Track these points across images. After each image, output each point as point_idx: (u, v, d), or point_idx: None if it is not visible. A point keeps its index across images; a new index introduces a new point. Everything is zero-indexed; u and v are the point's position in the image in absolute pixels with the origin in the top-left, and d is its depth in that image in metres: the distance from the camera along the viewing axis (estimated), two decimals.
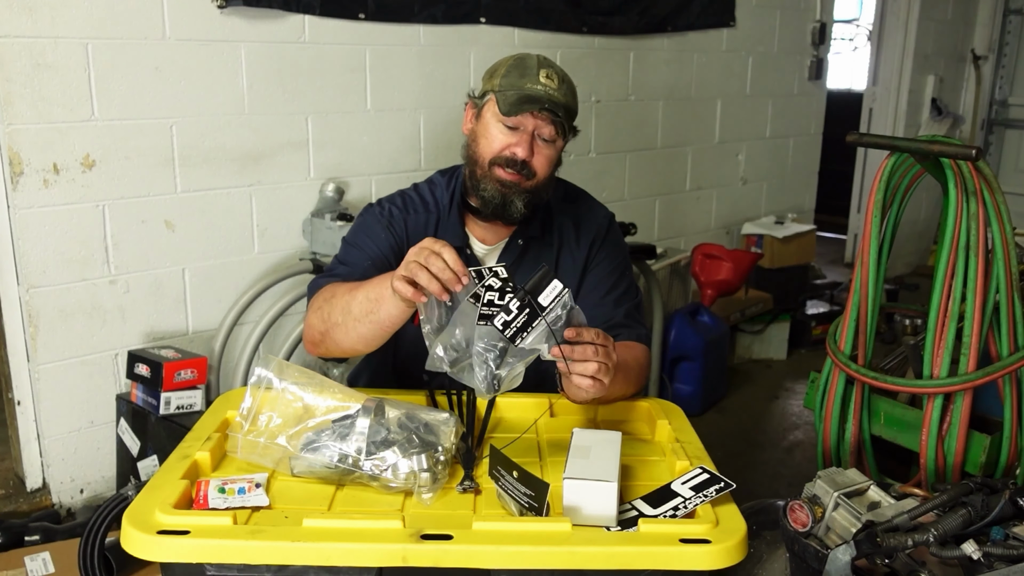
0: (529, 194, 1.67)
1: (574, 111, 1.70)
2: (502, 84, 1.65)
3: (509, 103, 1.62)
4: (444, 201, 1.77)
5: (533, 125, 1.64)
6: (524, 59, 1.68)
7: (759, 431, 3.47)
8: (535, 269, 1.32)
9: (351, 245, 1.76)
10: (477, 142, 1.69)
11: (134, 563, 1.77)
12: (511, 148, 1.64)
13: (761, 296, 4.16)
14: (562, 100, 1.65)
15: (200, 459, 1.34)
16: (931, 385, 2.04)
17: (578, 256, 1.79)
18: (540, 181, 1.68)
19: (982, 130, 5.95)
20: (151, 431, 2.41)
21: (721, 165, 4.36)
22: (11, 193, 2.30)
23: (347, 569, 1.13)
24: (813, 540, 1.55)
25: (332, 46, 2.80)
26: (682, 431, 1.50)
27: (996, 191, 2.03)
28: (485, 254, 1.77)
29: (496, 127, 1.65)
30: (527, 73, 1.65)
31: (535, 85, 1.63)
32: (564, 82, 1.68)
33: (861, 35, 6.70)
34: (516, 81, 1.64)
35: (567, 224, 1.81)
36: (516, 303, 1.29)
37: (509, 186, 1.65)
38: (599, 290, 1.77)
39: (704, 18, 3.99)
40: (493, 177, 1.66)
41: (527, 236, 1.76)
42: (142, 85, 2.44)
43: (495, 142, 1.66)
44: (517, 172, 1.64)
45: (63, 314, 2.42)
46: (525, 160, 1.64)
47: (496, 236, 1.77)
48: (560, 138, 1.68)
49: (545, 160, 1.67)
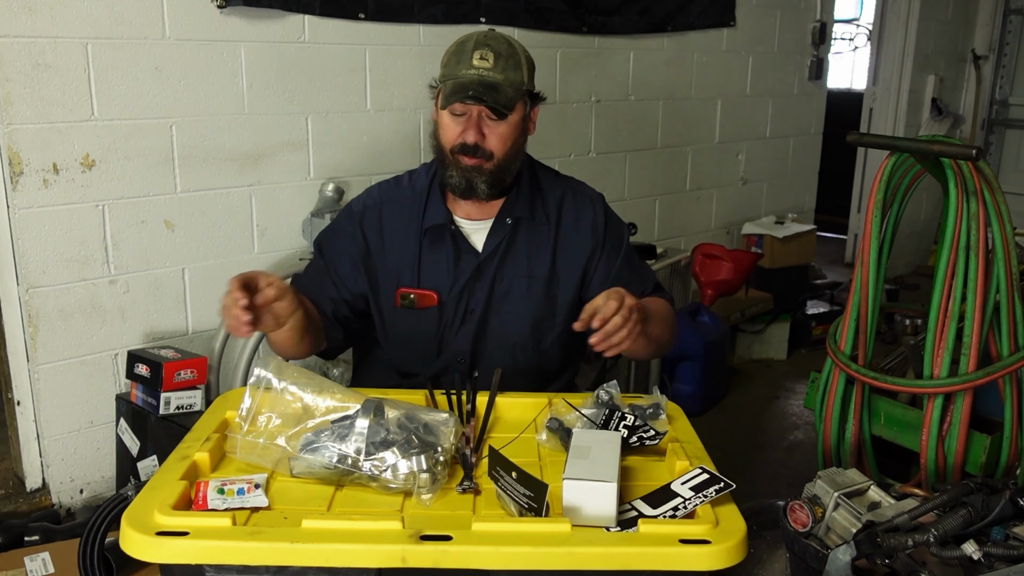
0: (492, 174, 1.70)
1: (520, 82, 1.69)
2: (444, 74, 1.69)
3: (445, 96, 1.66)
4: (425, 185, 1.81)
5: (479, 110, 1.66)
6: (463, 43, 1.70)
7: (759, 431, 3.46)
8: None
9: (317, 251, 1.83)
10: (438, 133, 1.73)
11: (134, 563, 1.76)
12: (461, 135, 1.67)
13: (761, 296, 4.16)
14: (499, 79, 1.65)
15: (199, 460, 1.34)
16: (931, 385, 2.04)
17: (581, 244, 1.82)
18: (501, 159, 1.70)
19: (982, 130, 5.95)
20: (151, 431, 2.41)
21: (721, 165, 4.36)
22: (11, 193, 2.30)
23: (346, 570, 1.13)
24: (813, 540, 1.55)
25: (332, 46, 2.80)
26: (682, 431, 1.50)
27: (996, 191, 2.03)
28: (473, 231, 1.79)
29: (446, 116, 1.69)
30: (463, 58, 1.67)
31: (467, 71, 1.65)
32: (503, 56, 1.67)
33: (861, 35, 6.70)
34: (453, 69, 1.67)
35: (562, 207, 1.83)
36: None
37: (471, 170, 1.69)
38: (612, 268, 1.83)
39: (704, 18, 3.99)
40: (456, 164, 1.70)
41: (515, 215, 1.78)
42: (142, 85, 2.44)
43: (448, 131, 1.70)
44: (475, 156, 1.68)
45: (63, 314, 2.42)
46: (477, 143, 1.67)
47: (481, 213, 1.79)
48: (512, 111, 1.68)
49: (499, 138, 1.69)
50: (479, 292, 1.78)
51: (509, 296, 1.78)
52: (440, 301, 1.77)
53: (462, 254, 1.77)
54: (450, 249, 1.77)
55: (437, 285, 1.77)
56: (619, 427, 1.43)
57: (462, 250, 1.77)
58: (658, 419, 1.49)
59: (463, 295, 1.77)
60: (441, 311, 1.78)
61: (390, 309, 1.80)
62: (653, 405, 1.52)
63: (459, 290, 1.77)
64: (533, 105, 1.76)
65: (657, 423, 1.48)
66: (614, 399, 1.53)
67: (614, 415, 1.44)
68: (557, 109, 3.49)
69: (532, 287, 1.79)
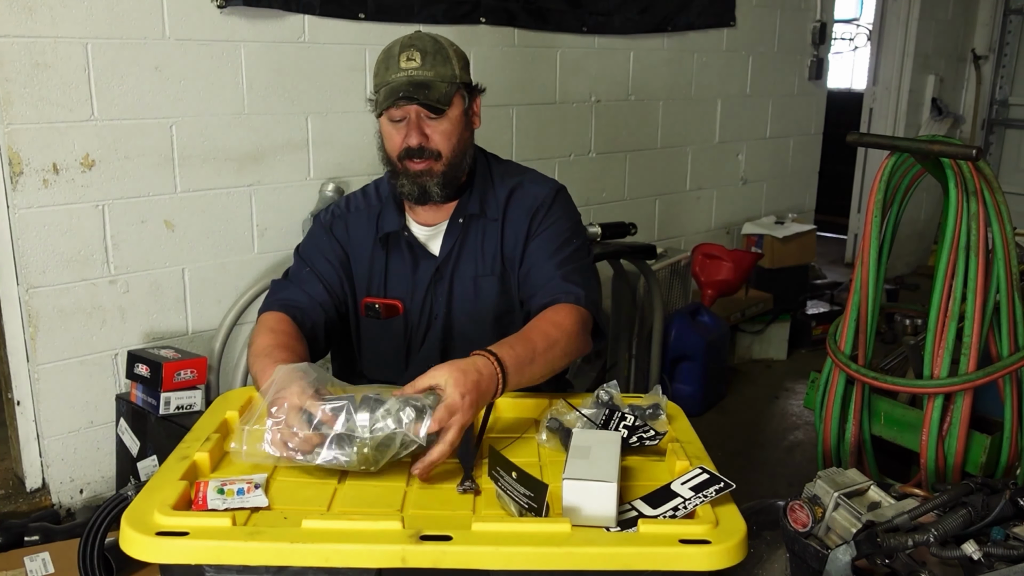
0: (443, 175, 1.69)
1: (453, 75, 1.66)
2: (376, 83, 1.68)
3: (379, 104, 1.65)
4: (385, 194, 1.81)
5: (416, 111, 1.65)
6: (389, 49, 1.68)
7: (759, 431, 3.46)
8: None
9: (300, 258, 1.82)
10: (383, 144, 1.72)
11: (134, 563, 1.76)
12: (404, 140, 1.66)
13: (761, 296, 4.16)
14: (429, 76, 1.63)
15: (199, 460, 1.34)
16: (931, 385, 2.04)
17: (520, 229, 1.76)
18: (450, 156, 1.69)
19: (982, 130, 5.95)
20: (151, 431, 2.41)
21: (721, 165, 4.36)
22: (11, 193, 2.30)
23: (346, 570, 1.13)
24: (813, 540, 1.55)
25: (332, 46, 2.80)
26: (682, 431, 1.50)
27: (996, 191, 2.03)
28: (429, 236, 1.78)
29: (386, 125, 1.68)
30: (391, 64, 1.65)
31: (396, 74, 1.63)
32: (429, 53, 1.65)
33: (861, 35, 6.70)
34: (384, 76, 1.66)
35: (511, 199, 1.79)
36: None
37: (422, 175, 1.68)
38: (541, 254, 1.74)
39: (704, 18, 3.99)
40: (406, 172, 1.69)
41: (466, 214, 1.76)
42: (142, 85, 2.44)
43: (390, 140, 1.69)
44: (423, 158, 1.67)
45: (63, 314, 2.42)
46: (421, 144, 1.66)
47: (435, 217, 1.78)
48: (450, 106, 1.66)
49: (442, 135, 1.67)
50: (440, 296, 1.77)
51: (467, 296, 1.77)
52: (404, 309, 1.77)
53: (419, 260, 1.77)
54: (407, 256, 1.77)
55: (401, 294, 1.78)
56: (619, 427, 1.43)
57: (419, 256, 1.77)
58: (658, 419, 1.49)
59: (426, 301, 1.77)
60: (406, 319, 1.78)
61: (357, 318, 1.81)
62: (653, 405, 1.52)
63: (421, 296, 1.77)
64: (472, 97, 1.74)
65: (657, 423, 1.48)
66: (614, 399, 1.53)
67: (614, 415, 1.44)
68: (557, 109, 3.49)
69: (488, 284, 1.77)
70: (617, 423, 1.44)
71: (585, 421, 1.46)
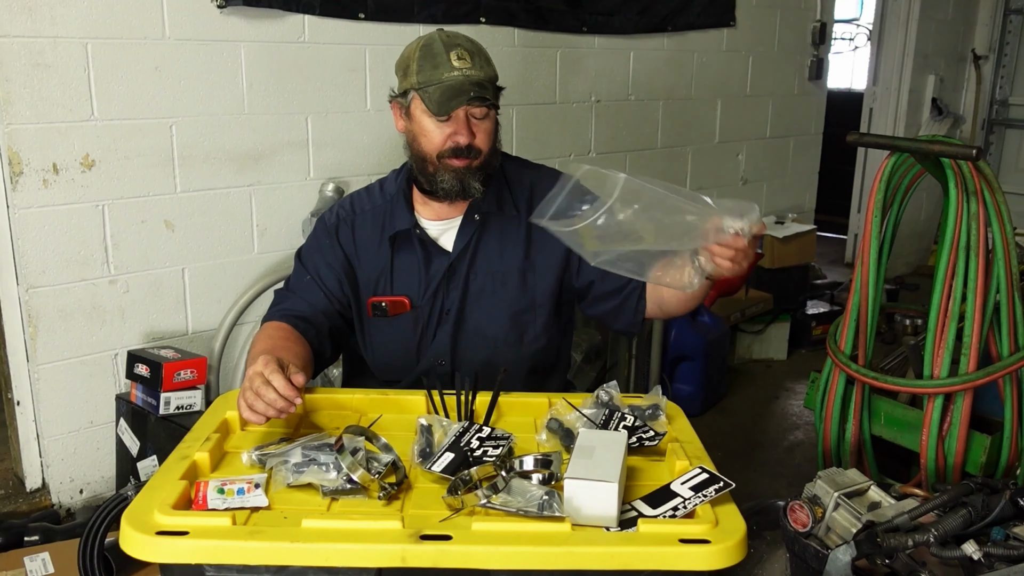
0: (481, 170, 1.71)
1: (495, 76, 1.70)
2: (420, 80, 1.65)
3: (437, 102, 1.63)
4: (392, 191, 1.81)
5: (465, 111, 1.65)
6: (430, 46, 1.67)
7: (759, 431, 3.46)
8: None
9: (300, 264, 1.82)
10: (418, 140, 1.71)
11: (134, 563, 1.76)
12: (452, 138, 1.67)
13: (761, 296, 4.15)
14: (481, 76, 1.65)
15: (199, 459, 1.34)
16: (931, 385, 2.04)
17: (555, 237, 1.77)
18: (487, 154, 1.71)
19: (982, 130, 5.95)
20: (151, 431, 2.41)
21: (721, 165, 4.36)
22: (11, 193, 2.30)
23: (346, 570, 1.13)
24: (813, 540, 1.56)
25: (332, 46, 2.80)
26: (682, 431, 1.50)
27: (996, 191, 2.03)
28: (441, 232, 1.79)
29: (430, 123, 1.67)
30: (439, 62, 1.64)
31: (451, 72, 1.63)
32: (475, 54, 1.67)
33: (861, 35, 6.70)
34: (432, 74, 1.64)
35: (530, 194, 1.80)
36: None
37: (463, 171, 1.69)
38: None
39: (704, 18, 3.99)
40: (446, 168, 1.69)
41: (483, 211, 1.77)
42: (142, 85, 2.44)
43: (435, 137, 1.68)
44: (466, 156, 1.68)
45: (63, 314, 2.42)
46: (470, 144, 1.67)
47: (450, 212, 1.78)
48: (491, 108, 1.69)
49: (485, 135, 1.70)
50: (453, 292, 1.77)
51: (484, 292, 1.78)
52: (413, 305, 1.77)
53: (432, 256, 1.77)
54: (419, 253, 1.77)
55: (409, 290, 1.78)
56: (619, 427, 1.43)
57: (431, 252, 1.78)
58: (657, 419, 1.50)
59: (436, 297, 1.77)
60: (415, 315, 1.78)
61: (365, 319, 1.81)
62: (653, 405, 1.52)
63: (432, 292, 1.77)
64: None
65: (656, 423, 1.48)
66: (614, 399, 1.53)
67: (614, 415, 1.44)
68: (557, 109, 3.49)
69: (507, 281, 1.78)
70: (617, 423, 1.44)
71: (585, 421, 1.46)
